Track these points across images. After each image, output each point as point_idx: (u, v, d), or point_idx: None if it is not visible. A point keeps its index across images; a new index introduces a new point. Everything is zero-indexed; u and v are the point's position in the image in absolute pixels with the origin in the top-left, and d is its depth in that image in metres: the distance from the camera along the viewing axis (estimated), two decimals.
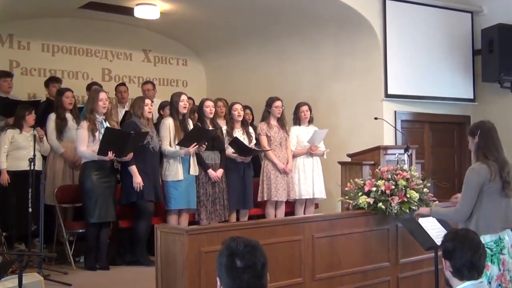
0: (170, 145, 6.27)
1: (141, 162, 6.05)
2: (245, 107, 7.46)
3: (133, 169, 5.99)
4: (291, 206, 7.22)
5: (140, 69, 9.64)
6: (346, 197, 5.35)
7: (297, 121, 7.25)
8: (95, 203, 5.86)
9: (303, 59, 8.72)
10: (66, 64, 8.91)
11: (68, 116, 6.73)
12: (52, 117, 6.65)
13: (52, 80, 7.64)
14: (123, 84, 8.38)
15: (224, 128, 6.86)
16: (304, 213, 7.09)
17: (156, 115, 7.49)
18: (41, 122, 6.74)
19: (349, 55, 8.10)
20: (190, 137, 6.24)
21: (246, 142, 6.84)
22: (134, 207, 6.14)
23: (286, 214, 7.05)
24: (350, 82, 8.12)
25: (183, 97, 6.40)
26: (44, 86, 7.62)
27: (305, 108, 7.22)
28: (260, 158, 7.35)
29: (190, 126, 6.48)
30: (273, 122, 7.08)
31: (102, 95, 6.04)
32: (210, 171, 6.50)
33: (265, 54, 9.24)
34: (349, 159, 6.52)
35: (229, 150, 6.75)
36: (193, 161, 6.37)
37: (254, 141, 7.01)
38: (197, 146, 6.27)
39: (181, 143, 6.22)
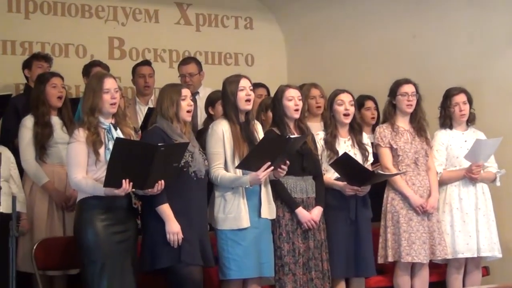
0: (226, 168, 6.31)
1: (177, 198, 6.09)
2: (364, 98, 7.45)
3: (165, 210, 6.00)
4: (440, 271, 7.24)
5: (174, 38, 9.87)
6: None
7: (446, 121, 7.26)
8: (101, 269, 5.92)
9: (457, 12, 8.64)
10: (49, 32, 9.17)
11: (55, 120, 6.85)
12: (29, 122, 6.77)
13: (37, 58, 7.81)
14: (146, 63, 8.52)
15: (322, 135, 6.84)
16: (464, 284, 7.09)
17: (202, 116, 7.57)
18: (8, 132, 6.91)
19: None
20: (260, 153, 6.24)
21: (359, 159, 6.80)
22: (167, 275, 6.20)
23: (432, 285, 7.05)
24: None
25: (244, 82, 6.37)
26: (23, 68, 7.86)
27: (461, 98, 7.20)
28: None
29: (260, 133, 6.51)
30: (402, 123, 7.08)
31: (110, 84, 6.08)
32: (300, 210, 6.50)
33: (391, 4, 9.23)
34: None
35: (331, 175, 6.76)
36: (266, 195, 6.39)
37: (371, 159, 7.00)
38: (273, 168, 6.27)
39: (244, 164, 6.24)
